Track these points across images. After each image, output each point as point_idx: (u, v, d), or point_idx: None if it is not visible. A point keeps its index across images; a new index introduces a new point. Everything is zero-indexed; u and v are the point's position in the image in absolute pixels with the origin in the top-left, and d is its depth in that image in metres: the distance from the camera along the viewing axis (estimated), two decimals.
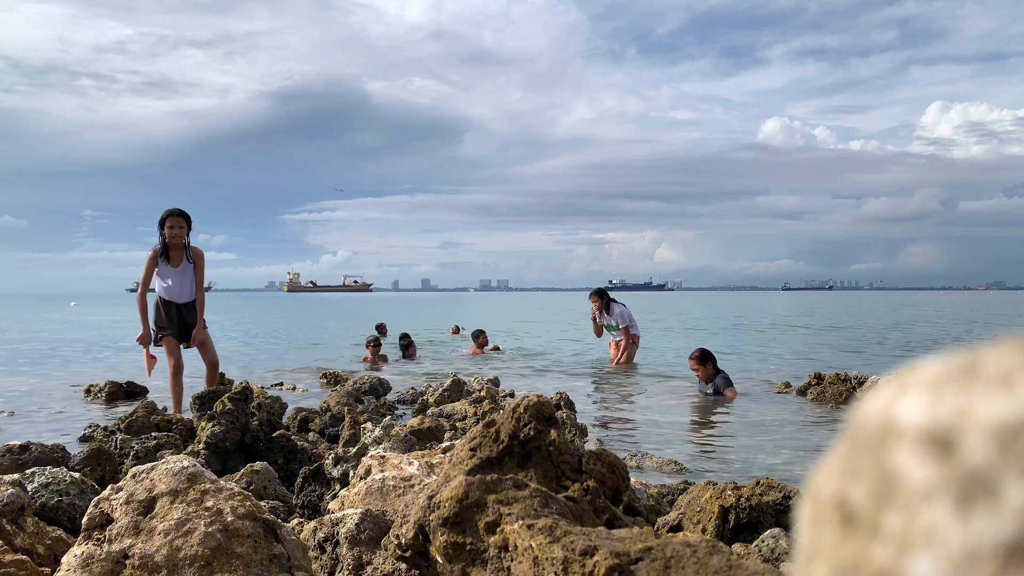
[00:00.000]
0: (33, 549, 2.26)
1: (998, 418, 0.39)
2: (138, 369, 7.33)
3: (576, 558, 1.55)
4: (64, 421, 6.43)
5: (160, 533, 1.90)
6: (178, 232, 6.45)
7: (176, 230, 6.43)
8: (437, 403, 6.36)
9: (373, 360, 11.17)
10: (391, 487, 2.60)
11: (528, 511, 1.73)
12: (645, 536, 1.59)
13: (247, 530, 1.94)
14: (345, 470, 3.38)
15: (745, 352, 13.31)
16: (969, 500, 0.38)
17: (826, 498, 0.43)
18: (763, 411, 6.79)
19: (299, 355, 13.32)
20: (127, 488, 2.02)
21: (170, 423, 5.07)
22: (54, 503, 2.74)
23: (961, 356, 0.42)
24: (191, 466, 2.05)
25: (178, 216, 6.47)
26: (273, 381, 9.17)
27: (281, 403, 4.71)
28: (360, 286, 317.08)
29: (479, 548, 1.74)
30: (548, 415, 2.11)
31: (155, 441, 4.30)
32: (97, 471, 3.57)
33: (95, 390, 7.97)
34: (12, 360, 12.35)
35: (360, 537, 2.27)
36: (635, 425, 6.25)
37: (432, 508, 1.83)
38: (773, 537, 2.56)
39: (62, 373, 10.23)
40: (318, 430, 5.28)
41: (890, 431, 0.41)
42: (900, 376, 0.43)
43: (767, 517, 2.80)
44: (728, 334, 18.98)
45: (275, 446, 4.11)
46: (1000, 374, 0.40)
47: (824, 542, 0.43)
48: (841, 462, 0.43)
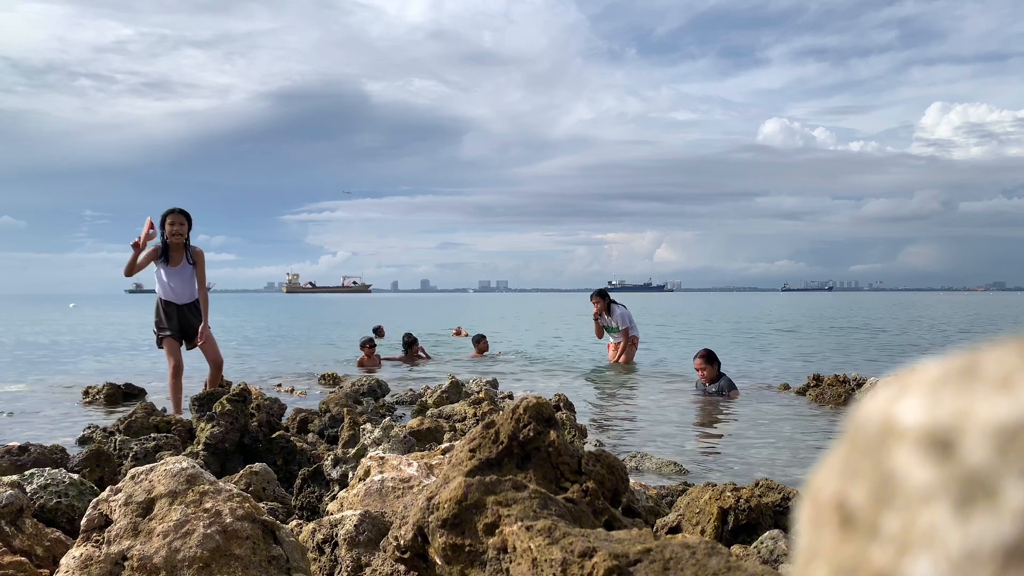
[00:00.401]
0: (32, 551, 2.25)
1: (998, 419, 0.39)
2: (137, 370, 7.32)
3: (575, 560, 1.55)
4: (63, 422, 6.42)
5: (159, 534, 1.90)
6: (178, 230, 6.44)
7: (176, 227, 6.42)
8: (436, 404, 6.36)
9: (368, 363, 11.10)
10: (390, 488, 2.60)
11: (527, 512, 1.72)
12: (644, 538, 1.59)
13: (246, 531, 1.93)
14: (344, 471, 3.38)
15: (744, 353, 13.31)
16: (969, 501, 0.38)
17: (825, 499, 0.43)
18: (762, 412, 6.79)
19: (298, 356, 13.31)
20: (126, 489, 2.02)
21: (169, 424, 5.07)
22: (53, 504, 2.74)
23: (961, 357, 0.42)
24: (190, 467, 2.05)
25: (179, 214, 6.46)
26: (272, 382, 9.17)
27: (280, 404, 4.71)
28: (359, 287, 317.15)
29: (478, 550, 1.74)
30: (547, 416, 2.11)
31: (154, 442, 4.30)
32: (96, 472, 3.56)
33: (93, 391, 7.97)
34: (11, 361, 12.34)
35: (359, 539, 2.26)
36: (634, 426, 6.25)
37: (431, 509, 1.83)
38: (772, 538, 2.56)
39: (61, 374, 10.22)
40: (317, 431, 5.28)
41: (890, 432, 0.41)
42: (900, 377, 0.43)
43: (766, 518, 2.80)
44: (728, 335, 18.99)
45: (274, 447, 4.11)
46: (1000, 375, 0.40)
47: (823, 543, 0.43)
48: (840, 463, 0.43)
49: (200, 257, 6.62)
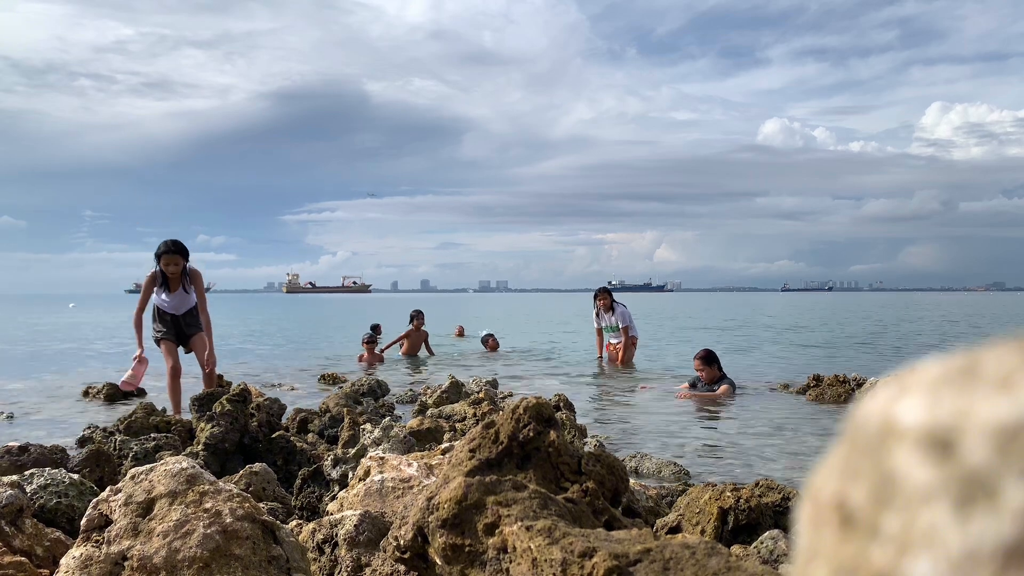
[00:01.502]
0: (32, 551, 2.25)
1: (998, 419, 0.39)
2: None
3: (575, 560, 1.55)
4: (63, 422, 6.43)
5: (159, 535, 1.90)
6: (174, 269, 6.59)
7: (172, 267, 6.56)
8: (436, 404, 6.37)
9: (369, 359, 11.15)
10: (390, 488, 2.60)
11: (527, 513, 1.72)
12: (644, 538, 1.59)
13: (246, 532, 1.93)
14: (344, 471, 3.38)
15: (744, 353, 13.31)
16: (969, 501, 0.38)
17: (825, 499, 0.43)
18: (762, 412, 6.79)
19: (298, 356, 13.32)
20: (126, 489, 2.02)
21: (169, 424, 5.07)
22: (53, 504, 2.74)
23: (961, 357, 0.42)
24: (190, 467, 2.05)
25: (173, 254, 6.56)
26: (272, 382, 9.17)
27: (280, 404, 4.71)
28: (359, 287, 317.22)
29: (478, 550, 1.74)
30: (547, 416, 2.11)
31: (154, 442, 4.30)
32: (96, 472, 3.56)
33: (93, 391, 7.97)
34: (11, 362, 12.34)
35: (359, 539, 2.26)
36: (634, 426, 6.25)
37: (431, 509, 1.82)
38: (772, 539, 2.56)
39: (60, 374, 10.22)
40: (317, 431, 5.28)
41: (890, 432, 0.41)
42: (900, 377, 0.43)
43: (766, 519, 2.80)
44: (727, 335, 18.99)
45: (274, 447, 4.10)
46: (1000, 375, 0.40)
47: (823, 543, 0.43)
48: (840, 463, 0.43)
49: (198, 279, 6.72)
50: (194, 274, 6.67)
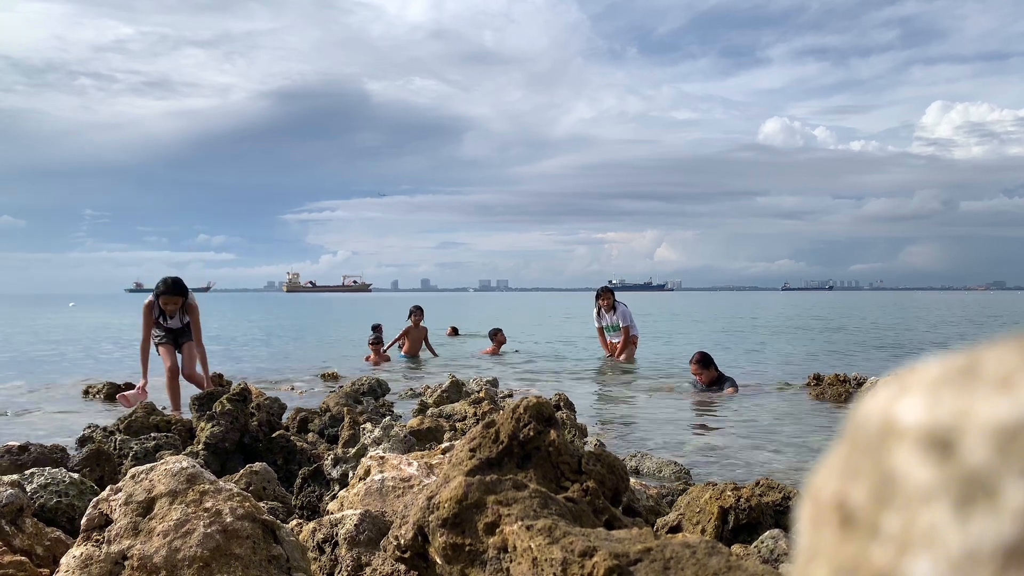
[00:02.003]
0: (32, 550, 2.26)
1: (998, 419, 0.39)
2: (136, 371, 7.36)
3: (575, 559, 1.55)
4: (63, 422, 6.43)
5: (159, 534, 1.90)
6: (172, 308, 6.80)
7: (171, 307, 6.81)
8: (436, 404, 6.37)
9: (376, 359, 11.22)
10: (390, 488, 2.60)
11: (527, 512, 1.72)
12: (644, 537, 1.59)
13: (246, 531, 1.94)
14: (344, 471, 3.38)
15: (744, 352, 13.31)
16: (969, 501, 0.38)
17: (826, 499, 0.43)
18: (762, 412, 6.79)
19: (298, 355, 13.32)
20: (126, 489, 2.02)
21: (169, 424, 5.06)
22: (53, 504, 2.74)
23: (961, 357, 0.42)
24: (190, 467, 2.05)
25: (172, 295, 6.69)
26: (272, 381, 9.17)
27: (280, 404, 4.71)
28: (359, 286, 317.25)
29: (478, 549, 1.74)
30: (548, 416, 2.11)
31: (154, 442, 4.30)
32: (96, 472, 3.56)
33: (93, 390, 7.97)
34: (11, 361, 12.34)
35: (359, 538, 2.26)
36: (635, 425, 6.25)
37: (431, 509, 1.83)
38: (772, 538, 2.56)
39: (60, 374, 10.22)
40: (317, 431, 5.28)
41: (890, 432, 0.41)
42: (900, 377, 0.43)
43: (767, 518, 2.80)
44: (728, 334, 18.99)
45: (274, 447, 4.11)
46: (1000, 375, 0.40)
47: (823, 543, 0.43)
48: (841, 463, 0.43)
49: (195, 314, 6.95)
50: (191, 308, 6.87)
